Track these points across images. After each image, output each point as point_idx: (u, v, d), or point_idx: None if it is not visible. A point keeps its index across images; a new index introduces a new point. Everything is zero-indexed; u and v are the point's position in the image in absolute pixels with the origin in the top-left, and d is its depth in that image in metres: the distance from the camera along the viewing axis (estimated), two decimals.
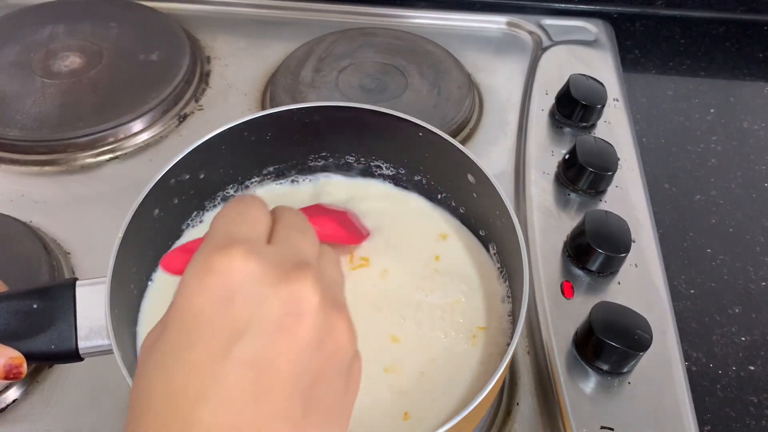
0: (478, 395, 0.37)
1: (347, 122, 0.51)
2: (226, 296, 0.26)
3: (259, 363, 0.26)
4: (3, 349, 0.37)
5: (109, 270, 0.40)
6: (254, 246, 0.28)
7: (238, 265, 0.27)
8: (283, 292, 0.27)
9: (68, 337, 0.38)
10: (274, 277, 0.27)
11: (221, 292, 0.26)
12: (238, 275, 0.26)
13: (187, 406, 0.25)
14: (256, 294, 0.26)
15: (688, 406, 0.50)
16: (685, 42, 0.89)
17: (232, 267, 0.26)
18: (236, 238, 0.28)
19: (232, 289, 0.26)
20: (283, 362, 0.26)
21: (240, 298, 0.26)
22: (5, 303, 0.38)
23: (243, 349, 0.26)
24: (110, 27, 0.82)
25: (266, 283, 0.27)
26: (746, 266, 0.63)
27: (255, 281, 0.27)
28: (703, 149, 0.74)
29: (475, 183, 0.48)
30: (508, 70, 0.82)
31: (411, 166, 0.53)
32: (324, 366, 0.28)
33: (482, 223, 0.51)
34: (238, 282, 0.26)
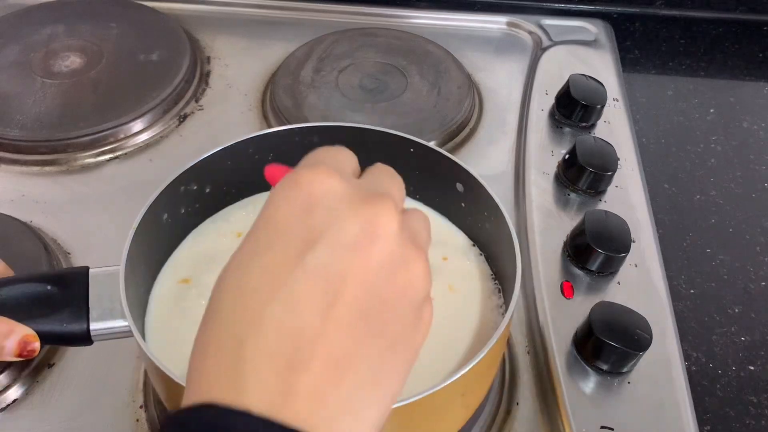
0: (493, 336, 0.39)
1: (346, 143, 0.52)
2: (308, 206, 0.27)
3: (329, 274, 0.26)
4: (17, 326, 0.37)
5: (123, 257, 0.41)
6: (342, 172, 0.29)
7: (322, 180, 0.28)
8: (361, 212, 0.28)
9: (80, 319, 0.39)
10: (356, 197, 0.28)
11: (303, 203, 0.28)
12: (320, 189, 0.28)
13: (257, 304, 0.26)
14: (335, 209, 0.27)
15: (688, 406, 0.50)
16: (685, 42, 0.89)
17: (316, 181, 0.28)
18: (326, 162, 0.30)
19: (314, 202, 0.28)
20: (352, 279, 0.27)
21: (320, 209, 0.27)
22: (19, 285, 0.39)
23: (315, 258, 0.26)
24: (110, 27, 0.82)
25: (347, 200, 0.28)
26: (746, 266, 0.63)
27: (337, 197, 0.28)
28: (703, 149, 0.74)
29: (464, 190, 0.50)
30: (508, 70, 0.82)
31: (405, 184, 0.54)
32: (394, 296, 0.28)
33: (473, 232, 0.52)
34: (320, 196, 0.28)
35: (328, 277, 0.26)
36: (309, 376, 0.25)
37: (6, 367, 0.51)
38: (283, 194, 0.28)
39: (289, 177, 0.29)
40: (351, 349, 0.26)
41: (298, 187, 0.28)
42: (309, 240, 0.27)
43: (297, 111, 0.72)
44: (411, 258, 0.29)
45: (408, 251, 0.28)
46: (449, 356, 0.45)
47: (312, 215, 0.27)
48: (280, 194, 0.28)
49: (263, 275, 0.26)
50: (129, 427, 0.49)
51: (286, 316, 0.26)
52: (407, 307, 0.29)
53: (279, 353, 0.25)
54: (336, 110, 0.72)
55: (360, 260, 0.27)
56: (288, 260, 0.26)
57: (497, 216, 0.46)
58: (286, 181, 0.29)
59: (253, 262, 0.27)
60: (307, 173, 0.28)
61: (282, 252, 0.27)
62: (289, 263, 0.26)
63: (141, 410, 0.50)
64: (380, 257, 0.27)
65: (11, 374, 0.51)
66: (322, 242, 0.27)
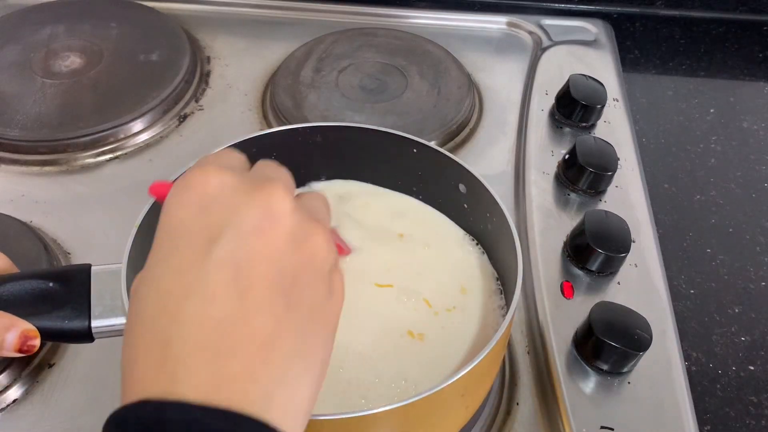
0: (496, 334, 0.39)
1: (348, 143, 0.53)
2: (204, 205, 0.29)
3: (238, 261, 0.27)
4: (17, 321, 0.38)
5: (124, 255, 0.41)
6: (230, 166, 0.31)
7: (212, 177, 0.29)
8: (256, 198, 0.29)
9: (82, 316, 0.39)
10: (247, 186, 0.29)
11: (198, 203, 0.29)
12: (213, 187, 0.29)
13: (175, 303, 0.27)
14: (231, 202, 0.29)
15: (688, 406, 0.50)
16: (685, 42, 0.89)
17: (207, 180, 0.29)
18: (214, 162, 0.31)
19: (208, 200, 0.29)
20: (260, 261, 0.28)
21: (216, 207, 0.29)
22: (21, 281, 0.39)
23: (221, 250, 0.27)
24: (110, 27, 0.82)
25: (240, 191, 0.29)
26: (746, 266, 0.63)
27: (230, 190, 0.29)
28: (702, 149, 0.74)
29: (466, 191, 0.50)
30: (508, 70, 0.82)
31: (407, 185, 0.55)
32: (303, 268, 0.29)
33: (475, 232, 0.52)
34: (213, 193, 0.29)
35: (237, 263, 0.27)
36: (238, 359, 0.26)
37: (6, 367, 0.51)
38: (176, 199, 0.29)
39: (180, 181, 0.30)
40: (273, 327, 0.27)
41: (191, 188, 0.29)
42: (212, 236, 0.28)
43: (297, 111, 0.72)
44: (311, 231, 0.30)
45: (307, 225, 0.30)
46: (450, 356, 0.45)
47: (210, 213, 0.28)
48: (174, 200, 0.29)
49: (175, 276, 0.28)
50: None
51: (205, 308, 0.27)
52: (317, 277, 0.30)
53: (205, 344, 0.26)
54: (336, 110, 0.72)
55: (264, 241, 0.28)
56: (196, 257, 0.28)
57: (499, 216, 0.46)
58: (178, 186, 0.30)
59: (162, 268, 0.28)
60: (197, 174, 0.29)
61: (188, 251, 0.28)
62: (197, 260, 0.27)
63: None
64: (282, 234, 0.29)
65: (11, 374, 0.51)
66: (225, 234, 0.28)
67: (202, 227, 0.28)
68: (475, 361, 0.38)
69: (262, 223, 0.28)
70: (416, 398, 0.36)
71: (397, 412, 0.36)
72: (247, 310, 0.27)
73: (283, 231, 0.29)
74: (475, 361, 0.38)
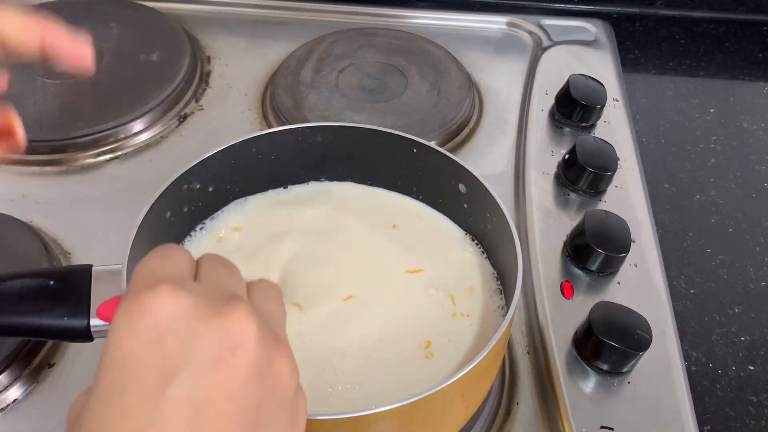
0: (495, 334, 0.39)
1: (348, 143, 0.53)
2: (157, 335, 0.25)
3: (197, 400, 0.25)
4: None
5: (125, 255, 0.41)
6: (182, 283, 0.27)
7: (167, 302, 0.26)
8: (216, 326, 0.26)
9: (81, 315, 0.39)
10: (206, 311, 0.26)
11: (151, 332, 0.25)
12: (168, 312, 0.26)
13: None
14: (188, 330, 0.25)
15: (688, 406, 0.50)
16: (684, 42, 0.89)
17: (162, 304, 0.26)
18: (163, 278, 0.27)
19: (163, 327, 0.25)
20: (221, 398, 0.25)
21: (172, 336, 0.25)
22: (23, 279, 0.39)
23: (178, 388, 0.24)
24: (110, 27, 0.81)
25: (198, 318, 0.26)
26: (746, 266, 0.63)
27: (186, 317, 0.26)
28: (702, 149, 0.74)
29: (466, 191, 0.50)
30: (508, 70, 0.82)
31: (407, 185, 0.55)
32: (265, 401, 0.27)
33: (475, 232, 0.52)
34: (168, 319, 0.25)
35: (195, 403, 0.25)
36: None
37: (6, 367, 0.51)
38: (126, 326, 0.26)
39: (128, 304, 0.26)
40: None
41: (141, 315, 0.26)
42: (167, 370, 0.25)
43: (297, 111, 0.72)
44: (274, 356, 0.27)
45: (270, 350, 0.27)
46: (450, 356, 0.45)
47: (164, 343, 0.25)
48: (124, 327, 0.26)
49: (125, 418, 0.24)
50: None
51: None
52: (281, 408, 0.28)
53: None
54: (336, 110, 0.72)
55: (225, 376, 0.25)
56: (148, 396, 0.24)
57: (499, 217, 0.46)
58: (127, 310, 0.26)
59: (111, 406, 0.25)
60: (148, 297, 0.26)
61: (140, 389, 0.24)
62: (149, 399, 0.24)
63: None
64: (245, 367, 0.26)
65: (11, 374, 0.51)
66: (181, 370, 0.25)
67: (155, 361, 0.25)
68: (475, 361, 0.38)
69: (222, 354, 0.25)
70: (416, 398, 0.36)
71: (396, 412, 0.36)
72: None
73: (246, 361, 0.26)
74: (475, 361, 0.38)
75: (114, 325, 0.26)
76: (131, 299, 0.26)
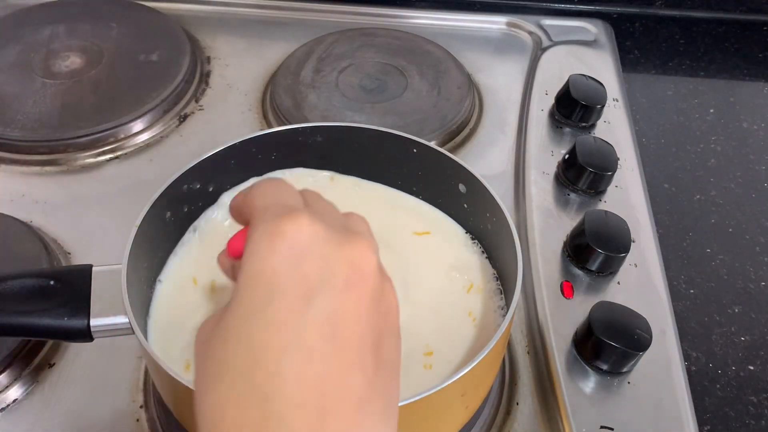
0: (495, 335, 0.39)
1: (348, 143, 0.53)
2: (297, 256, 0.28)
3: (333, 319, 0.27)
4: None
5: (125, 255, 0.41)
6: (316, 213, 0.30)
7: (304, 227, 0.28)
8: (346, 252, 0.28)
9: (81, 314, 0.39)
10: (338, 238, 0.29)
11: (292, 252, 0.28)
12: (305, 236, 0.28)
13: (271, 358, 0.26)
14: (323, 254, 0.28)
15: (688, 406, 0.50)
16: (684, 42, 0.89)
17: (300, 229, 0.28)
18: (294, 206, 0.30)
19: (302, 250, 0.28)
20: (352, 319, 0.28)
21: (309, 258, 0.28)
22: (23, 279, 0.40)
23: (319, 306, 0.27)
24: (110, 27, 0.82)
25: (332, 243, 0.28)
26: (746, 266, 0.63)
27: (321, 242, 0.28)
28: (702, 149, 0.74)
29: (466, 191, 0.50)
30: (508, 70, 0.82)
31: (407, 185, 0.55)
32: (382, 324, 0.29)
33: (476, 232, 0.52)
34: (306, 242, 0.28)
35: (333, 320, 0.27)
36: (336, 421, 0.26)
37: (6, 367, 0.51)
38: (268, 246, 0.28)
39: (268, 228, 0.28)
40: (364, 388, 0.27)
41: (282, 237, 0.28)
42: (308, 288, 0.27)
43: (297, 111, 0.72)
44: (386, 286, 0.30)
45: (383, 280, 0.30)
46: (450, 356, 0.45)
47: (303, 264, 0.27)
48: (264, 247, 0.28)
49: (271, 329, 0.27)
50: (129, 427, 0.49)
51: (303, 365, 0.26)
52: (393, 332, 0.30)
53: (305, 403, 0.26)
54: (336, 110, 0.72)
55: (354, 299, 0.28)
56: (292, 311, 0.27)
57: (499, 217, 0.46)
58: (267, 232, 0.28)
59: (256, 318, 0.27)
60: (288, 223, 0.28)
61: (284, 303, 0.27)
62: (294, 314, 0.27)
63: (141, 410, 0.50)
64: (369, 292, 0.29)
65: (11, 374, 0.51)
66: (320, 290, 0.27)
67: (297, 279, 0.27)
68: (475, 361, 0.38)
69: (352, 278, 0.28)
70: (416, 398, 0.36)
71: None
72: (343, 369, 0.27)
73: (370, 288, 0.29)
74: (475, 361, 0.38)
75: (254, 245, 0.28)
76: (271, 222, 0.28)
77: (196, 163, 0.48)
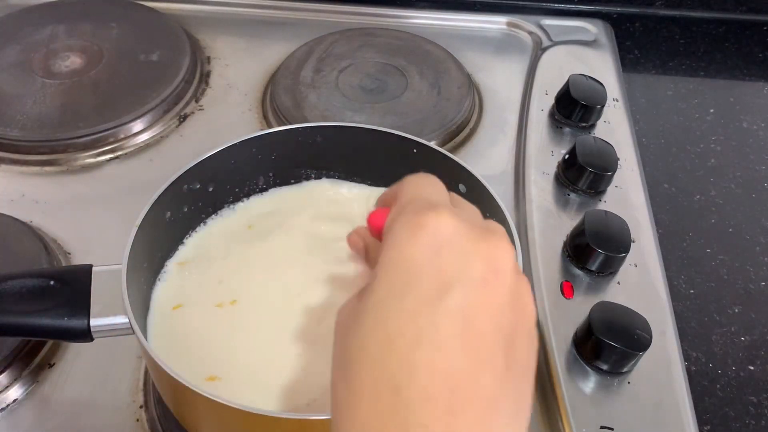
0: None
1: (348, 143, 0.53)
2: (436, 248, 0.28)
3: (467, 314, 0.27)
4: None
5: (125, 255, 0.41)
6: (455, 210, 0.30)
7: (445, 221, 0.29)
8: (483, 249, 0.29)
9: (81, 314, 0.40)
10: (476, 235, 0.29)
11: (431, 244, 0.28)
12: (446, 230, 0.28)
13: (405, 347, 0.26)
14: (461, 249, 0.28)
15: (688, 406, 0.50)
16: (684, 42, 0.89)
17: (441, 223, 0.29)
18: (437, 202, 0.30)
19: (441, 243, 0.28)
20: (486, 316, 0.28)
21: (448, 251, 0.28)
22: (23, 279, 0.40)
23: (454, 299, 0.27)
24: (110, 27, 0.82)
25: (470, 239, 0.29)
26: (746, 266, 0.63)
27: (461, 237, 0.29)
28: (702, 149, 0.74)
29: (466, 191, 0.50)
30: (508, 70, 0.82)
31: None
32: (516, 325, 0.29)
33: None
34: (446, 236, 0.28)
35: (466, 315, 0.27)
36: (465, 418, 0.26)
37: (6, 367, 0.51)
38: (409, 237, 0.29)
39: (411, 219, 0.29)
40: (495, 386, 0.27)
41: (424, 229, 0.29)
42: (444, 281, 0.27)
43: (297, 111, 0.72)
44: (522, 286, 0.30)
45: (520, 279, 0.30)
46: None
47: (441, 257, 0.28)
48: (406, 236, 0.29)
49: (406, 318, 0.27)
50: (129, 427, 0.49)
51: (436, 358, 0.26)
52: (527, 334, 0.30)
53: (436, 397, 0.26)
54: (336, 110, 0.72)
55: (489, 296, 0.28)
56: (428, 302, 0.27)
57: (499, 217, 0.46)
58: (409, 223, 0.29)
59: (392, 305, 0.27)
60: (430, 215, 0.29)
61: (420, 294, 0.27)
62: (429, 305, 0.27)
63: (141, 410, 0.50)
64: (504, 290, 0.29)
65: (11, 374, 0.51)
66: (456, 283, 0.27)
67: (434, 271, 0.28)
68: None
69: (488, 275, 0.28)
70: None
71: None
72: (474, 366, 0.27)
73: (505, 287, 0.29)
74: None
75: (396, 233, 0.29)
76: (414, 214, 0.29)
77: (196, 163, 0.48)
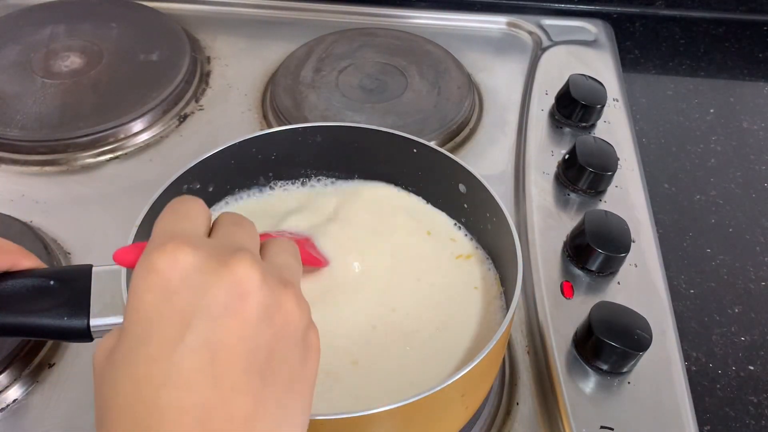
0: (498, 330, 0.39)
1: (348, 143, 0.53)
2: (170, 290, 0.28)
3: (211, 344, 0.27)
4: None
5: None
6: (191, 239, 0.29)
7: (177, 258, 0.28)
8: (223, 277, 0.28)
9: (81, 314, 0.39)
10: (213, 264, 0.29)
11: (166, 287, 0.28)
12: (178, 269, 0.28)
13: (151, 392, 0.26)
14: (198, 283, 0.28)
15: (688, 406, 0.50)
16: (684, 42, 0.89)
17: (172, 261, 0.28)
18: (175, 235, 0.30)
19: (176, 283, 0.28)
20: (234, 341, 0.28)
21: (184, 290, 0.28)
22: (23, 278, 0.39)
23: (194, 334, 0.27)
24: (110, 27, 0.82)
25: (207, 271, 0.28)
26: (746, 266, 0.63)
27: (195, 271, 0.28)
28: (702, 149, 0.74)
29: (466, 191, 0.50)
30: (508, 70, 0.82)
31: (407, 185, 0.55)
32: (276, 340, 0.29)
33: (476, 232, 0.52)
34: (179, 275, 0.28)
35: (211, 346, 0.27)
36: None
37: (6, 367, 0.51)
38: (143, 284, 0.28)
39: (144, 263, 0.29)
40: (251, 405, 0.27)
41: (155, 273, 0.28)
42: (183, 321, 0.27)
43: (297, 111, 0.72)
44: (282, 298, 0.30)
45: (278, 293, 0.29)
46: (450, 356, 0.45)
47: (178, 298, 0.28)
48: (141, 284, 0.28)
49: (151, 363, 0.27)
50: None
51: (181, 396, 0.26)
52: (292, 345, 0.30)
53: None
54: (336, 110, 0.72)
55: (236, 321, 0.28)
56: (168, 344, 0.27)
57: (499, 217, 0.46)
58: (143, 268, 0.29)
59: (137, 354, 0.27)
60: (160, 256, 0.28)
61: (162, 338, 0.27)
62: (171, 347, 0.27)
63: None
64: (254, 310, 0.28)
65: (11, 374, 0.51)
66: (196, 319, 0.27)
67: (172, 312, 0.28)
68: (475, 361, 0.38)
69: (231, 302, 0.28)
70: (416, 398, 0.36)
71: (396, 412, 0.36)
72: (224, 394, 0.27)
73: (254, 306, 0.28)
74: (475, 361, 0.38)
75: (132, 282, 0.29)
76: (145, 257, 0.29)
77: (196, 163, 0.48)
